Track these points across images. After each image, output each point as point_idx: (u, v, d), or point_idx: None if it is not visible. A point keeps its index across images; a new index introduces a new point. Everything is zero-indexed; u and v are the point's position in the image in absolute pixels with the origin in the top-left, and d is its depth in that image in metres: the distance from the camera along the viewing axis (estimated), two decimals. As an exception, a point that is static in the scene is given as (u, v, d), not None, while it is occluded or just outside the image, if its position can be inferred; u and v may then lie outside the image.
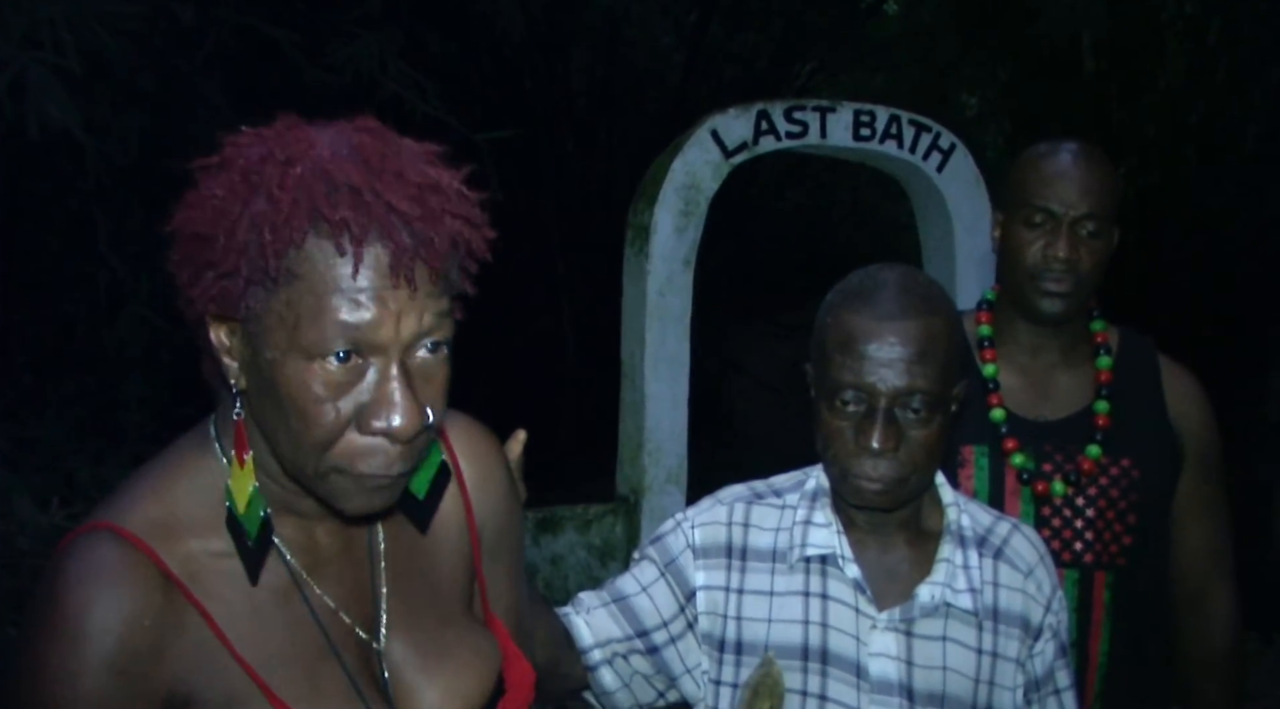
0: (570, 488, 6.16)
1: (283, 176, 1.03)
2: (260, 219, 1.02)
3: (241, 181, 1.05)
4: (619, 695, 1.71)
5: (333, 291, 1.03)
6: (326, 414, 1.06)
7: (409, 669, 1.25)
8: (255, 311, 1.06)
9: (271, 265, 1.02)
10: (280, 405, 1.07)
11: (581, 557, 5.25)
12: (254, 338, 1.07)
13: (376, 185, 1.03)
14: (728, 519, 1.70)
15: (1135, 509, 2.04)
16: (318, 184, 1.03)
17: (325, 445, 1.08)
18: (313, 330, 1.04)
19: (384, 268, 1.03)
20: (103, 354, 5.06)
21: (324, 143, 1.06)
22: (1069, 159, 2.03)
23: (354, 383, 1.07)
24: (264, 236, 1.02)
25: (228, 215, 1.04)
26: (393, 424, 1.07)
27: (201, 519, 1.16)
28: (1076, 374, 2.11)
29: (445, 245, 1.06)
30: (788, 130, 5.23)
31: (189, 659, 1.12)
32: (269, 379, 1.07)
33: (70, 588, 1.09)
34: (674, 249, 5.12)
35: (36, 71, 3.73)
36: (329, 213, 1.01)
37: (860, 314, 1.53)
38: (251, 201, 1.04)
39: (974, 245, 5.41)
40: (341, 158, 1.05)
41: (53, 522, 4.02)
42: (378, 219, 1.03)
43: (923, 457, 1.54)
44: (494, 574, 1.38)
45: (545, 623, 1.60)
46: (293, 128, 1.09)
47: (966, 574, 1.61)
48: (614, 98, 8.71)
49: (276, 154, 1.05)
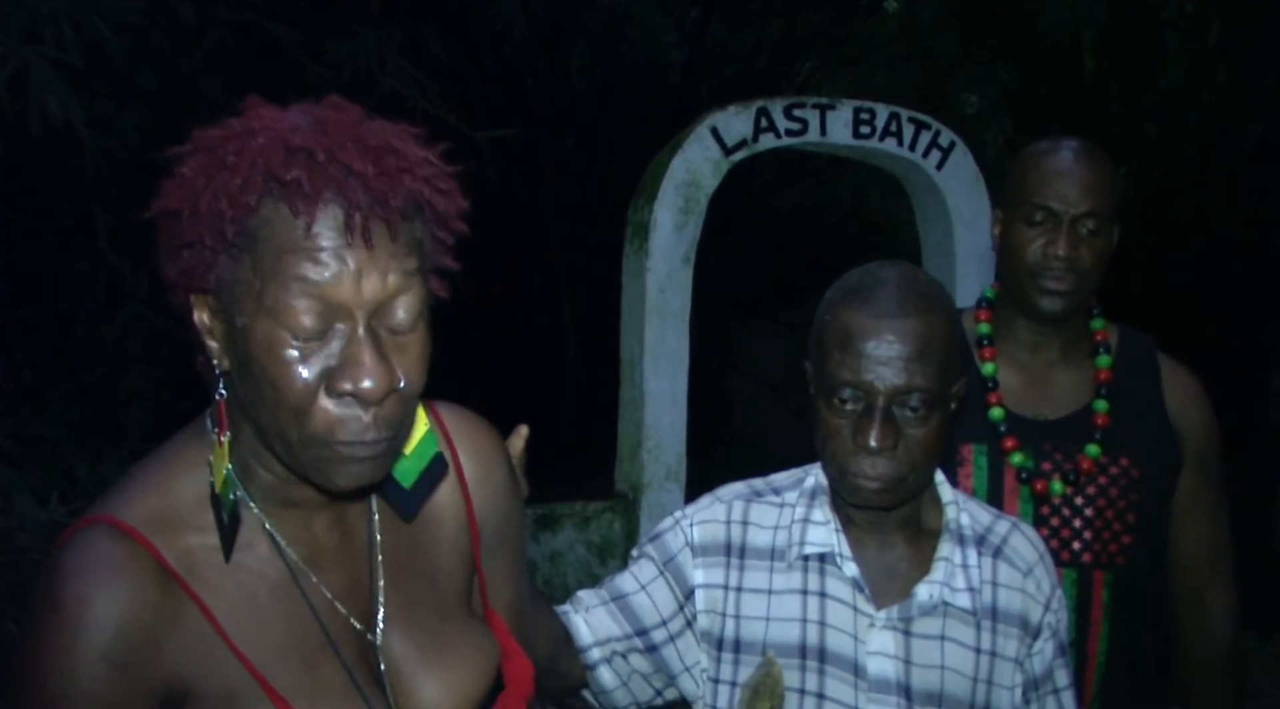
0: (569, 485, 6.16)
1: (241, 147, 1.06)
2: (220, 188, 1.05)
3: (207, 158, 1.08)
4: (617, 694, 1.71)
5: (291, 251, 1.04)
6: (297, 377, 1.07)
7: (407, 663, 1.25)
8: (225, 281, 1.07)
9: (230, 230, 1.05)
10: (255, 375, 1.08)
11: (580, 554, 5.25)
12: (227, 309, 1.08)
13: (332, 147, 1.05)
14: (726, 517, 1.70)
15: (1134, 508, 2.04)
16: (275, 151, 1.05)
17: (299, 411, 1.08)
18: (276, 290, 1.05)
19: (339, 225, 1.05)
20: (102, 351, 5.06)
21: (287, 118, 1.10)
22: (1070, 157, 2.03)
23: (322, 347, 1.07)
24: (222, 204, 1.04)
25: (192, 189, 1.07)
26: (361, 385, 1.07)
27: (200, 512, 1.16)
28: (1076, 373, 2.11)
29: (401, 202, 1.07)
30: (787, 128, 5.23)
31: (187, 652, 1.12)
32: (243, 350, 1.08)
33: (68, 581, 1.10)
34: (674, 246, 5.12)
35: (38, 66, 3.73)
36: (282, 173, 1.04)
37: (859, 312, 1.53)
38: (214, 175, 1.06)
39: (974, 243, 5.41)
40: (301, 127, 1.07)
41: (52, 518, 4.01)
42: (333, 178, 1.04)
43: (921, 455, 1.54)
44: (494, 570, 1.38)
45: (544, 621, 1.60)
46: (259, 107, 1.12)
47: (965, 573, 1.61)
48: (614, 96, 8.71)
49: (238, 129, 1.09)
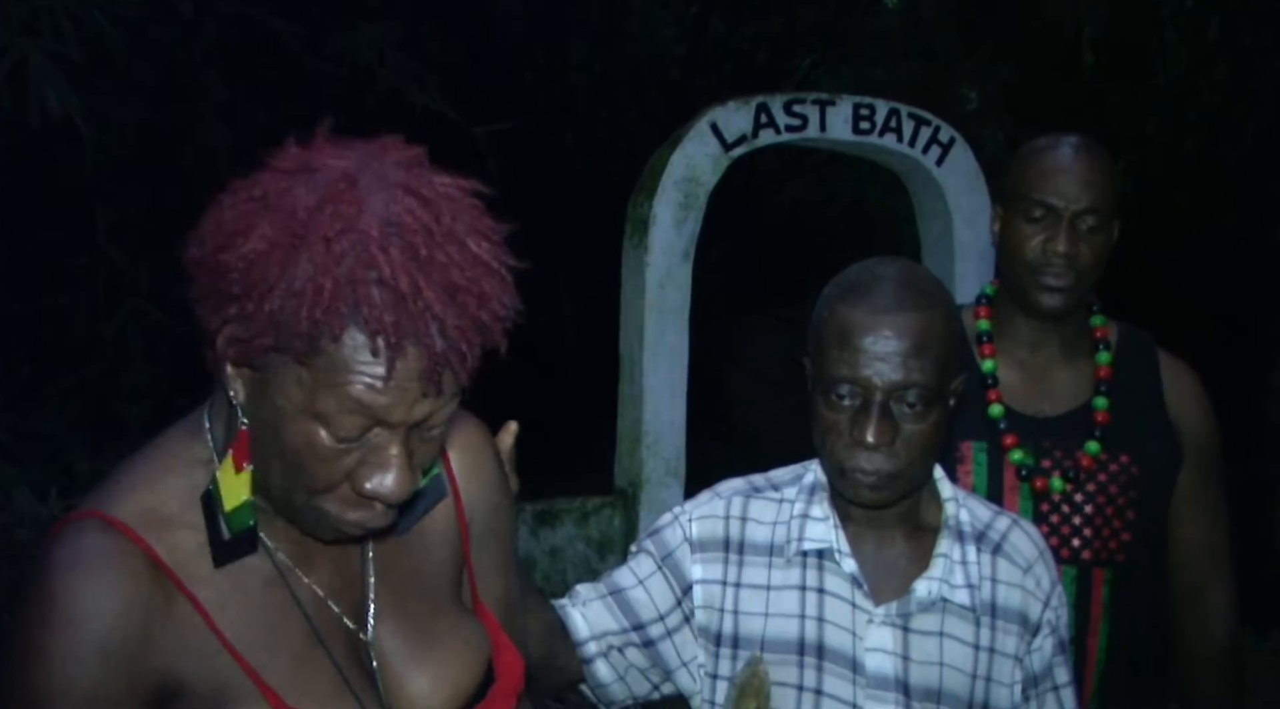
0: (569, 480, 6.17)
1: (327, 254, 1.01)
2: (299, 296, 1.01)
3: (283, 237, 1.02)
4: (614, 688, 1.71)
5: (357, 377, 1.03)
6: (326, 471, 1.09)
7: (397, 658, 1.26)
8: (274, 368, 1.06)
9: (299, 346, 1.02)
10: (280, 450, 1.09)
11: (580, 549, 5.25)
12: (268, 385, 1.07)
13: (420, 284, 1.02)
14: (725, 513, 1.69)
15: (1134, 506, 2.04)
16: (362, 272, 1.01)
17: (316, 493, 1.11)
18: (329, 403, 1.05)
19: (411, 369, 1.04)
20: (102, 346, 5.06)
21: (371, 211, 1.03)
22: (1069, 153, 2.02)
23: (357, 448, 1.09)
24: (300, 315, 1.01)
25: (264, 278, 1.02)
26: (384, 490, 1.09)
27: (191, 509, 1.16)
28: (1076, 370, 2.10)
29: (477, 356, 1.07)
30: (787, 123, 5.23)
31: (179, 647, 1.12)
32: (273, 424, 1.08)
33: (60, 575, 1.10)
34: (673, 242, 5.12)
35: (37, 59, 3.73)
36: (369, 313, 1.01)
37: (857, 308, 1.53)
38: (290, 269, 1.01)
39: (973, 239, 5.41)
40: (389, 239, 1.03)
41: (52, 513, 4.01)
42: (416, 324, 1.02)
43: (918, 451, 1.53)
44: (483, 564, 1.39)
45: (539, 615, 1.60)
46: (340, 181, 1.05)
47: (964, 569, 1.61)
48: (613, 91, 8.70)
49: (324, 214, 1.02)
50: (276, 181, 1.06)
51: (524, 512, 5.18)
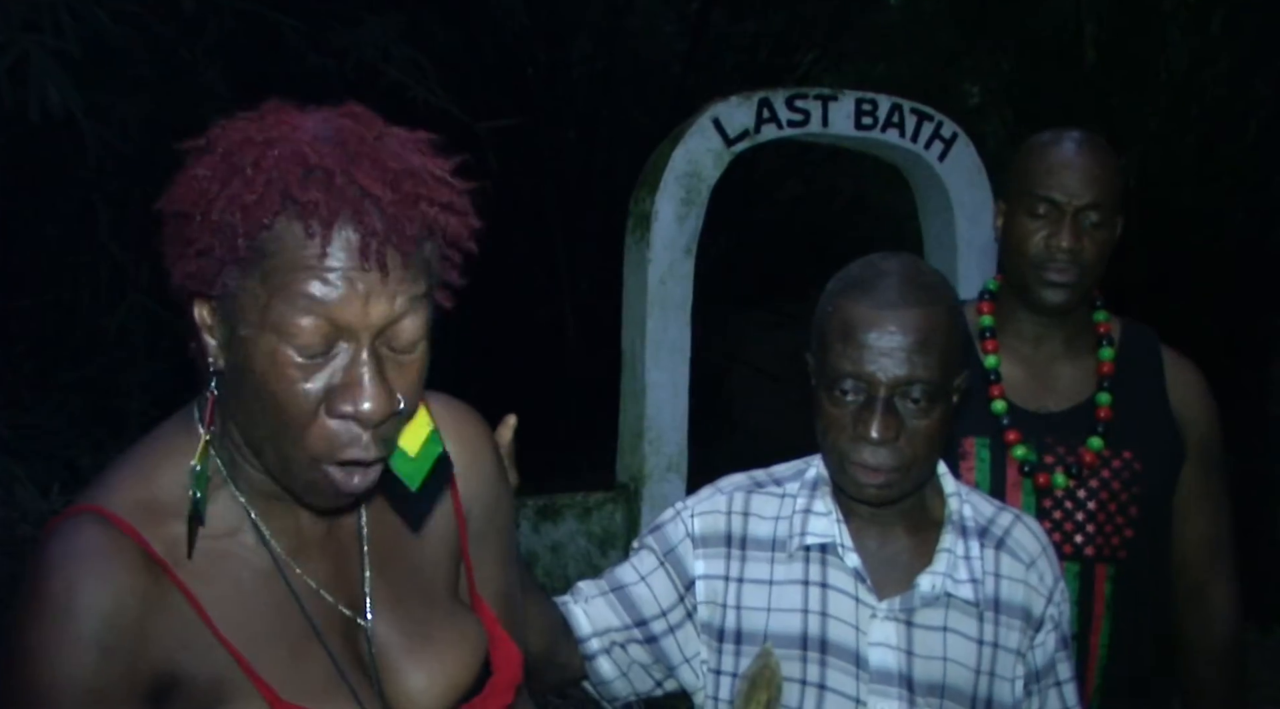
0: (570, 476, 6.17)
1: (259, 158, 1.05)
2: (235, 199, 1.04)
3: (222, 162, 1.07)
4: (617, 685, 1.71)
5: (301, 269, 1.04)
6: (297, 394, 1.07)
7: (394, 651, 1.26)
8: (231, 290, 1.07)
9: (242, 245, 1.04)
10: (254, 386, 1.08)
11: (582, 545, 5.25)
12: (230, 315, 1.08)
13: (351, 168, 1.05)
14: (727, 508, 1.69)
15: (1137, 501, 2.03)
16: (292, 166, 1.04)
17: (299, 427, 1.09)
18: (282, 306, 1.05)
19: (354, 250, 1.04)
20: (104, 341, 5.06)
21: (306, 127, 1.08)
22: (1072, 148, 2.02)
23: (324, 365, 1.07)
24: (235, 217, 1.04)
25: (205, 194, 1.06)
26: (361, 408, 1.07)
27: (185, 501, 1.16)
28: (1079, 365, 2.10)
29: (417, 230, 1.07)
30: (789, 119, 5.22)
31: (175, 640, 1.12)
32: (243, 358, 1.08)
33: (56, 569, 1.10)
34: (675, 237, 5.11)
35: (38, 55, 3.72)
36: (299, 194, 1.03)
37: (861, 303, 1.53)
38: (229, 182, 1.05)
39: (976, 235, 5.40)
40: (320, 141, 1.06)
41: (54, 508, 4.02)
42: (349, 202, 1.04)
43: (923, 447, 1.53)
44: (481, 558, 1.38)
45: (541, 611, 1.60)
46: (278, 111, 1.11)
47: (968, 564, 1.61)
48: (615, 86, 8.68)
49: (256, 136, 1.07)
50: (220, 131, 1.11)
51: (526, 507, 5.17)
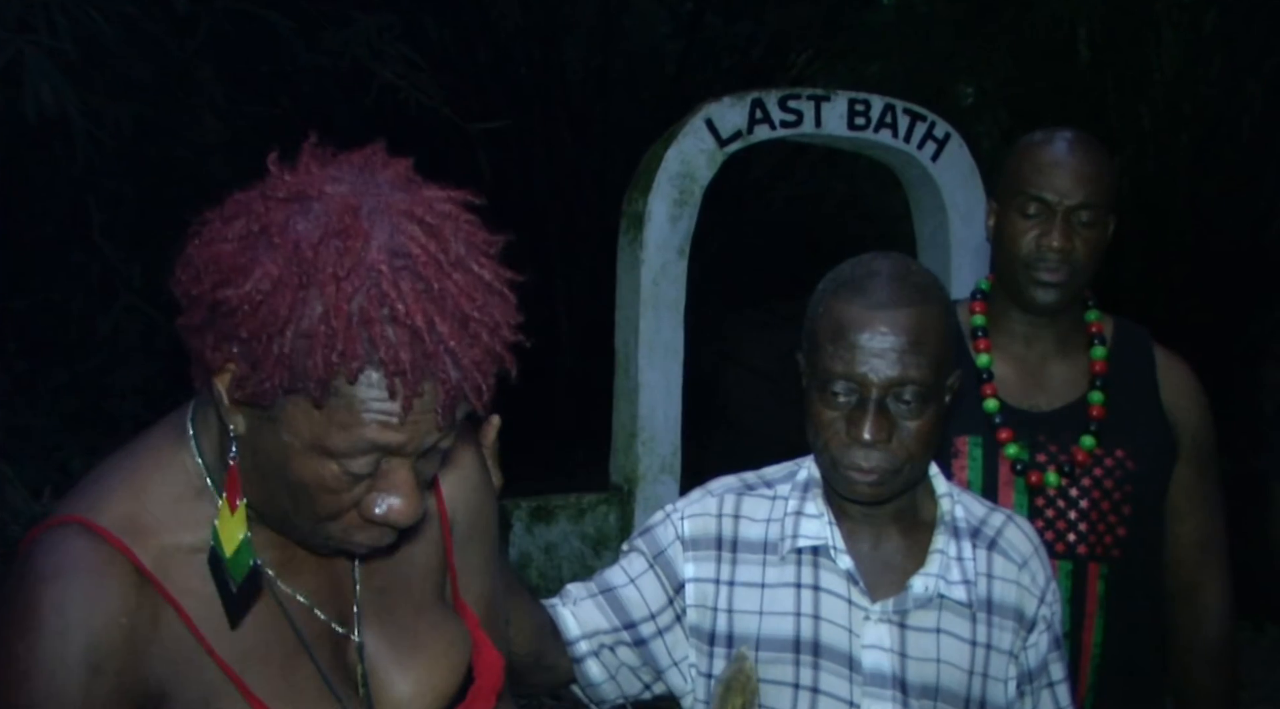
0: (564, 477, 6.16)
1: (337, 292, 0.99)
2: (311, 337, 0.99)
3: (289, 276, 0.99)
4: (605, 687, 1.71)
5: (372, 416, 1.02)
6: (335, 502, 1.08)
7: (382, 661, 1.25)
8: (282, 405, 1.04)
9: (314, 389, 1.00)
10: (286, 483, 1.08)
11: (575, 546, 5.25)
12: (275, 421, 1.05)
13: (435, 319, 1.01)
14: (718, 511, 1.69)
15: (1129, 500, 2.04)
16: (375, 309, 0.99)
17: (327, 520, 1.10)
18: (341, 440, 1.03)
19: (427, 405, 1.03)
20: (96, 343, 5.05)
21: (377, 242, 1.01)
22: (1064, 148, 2.02)
23: (366, 480, 1.08)
24: (314, 357, 0.99)
25: (273, 319, 0.99)
26: (394, 516, 1.09)
27: (175, 515, 1.14)
28: (1071, 364, 2.10)
29: (492, 387, 1.06)
30: (782, 119, 5.22)
31: (165, 656, 1.11)
32: (279, 458, 1.07)
33: (44, 583, 1.07)
34: (668, 238, 5.11)
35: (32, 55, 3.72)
36: (386, 353, 0.99)
37: (852, 303, 1.52)
38: (300, 309, 0.99)
39: (969, 235, 5.41)
40: (399, 272, 1.01)
41: (45, 510, 4.01)
42: (433, 360, 1.01)
43: (916, 447, 1.53)
44: (465, 562, 1.38)
45: (527, 613, 1.60)
46: (343, 212, 1.02)
47: (960, 565, 1.60)
48: (609, 86, 8.68)
49: (329, 249, 1.00)
50: (273, 213, 1.03)
51: (519, 508, 5.17)
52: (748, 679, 1.31)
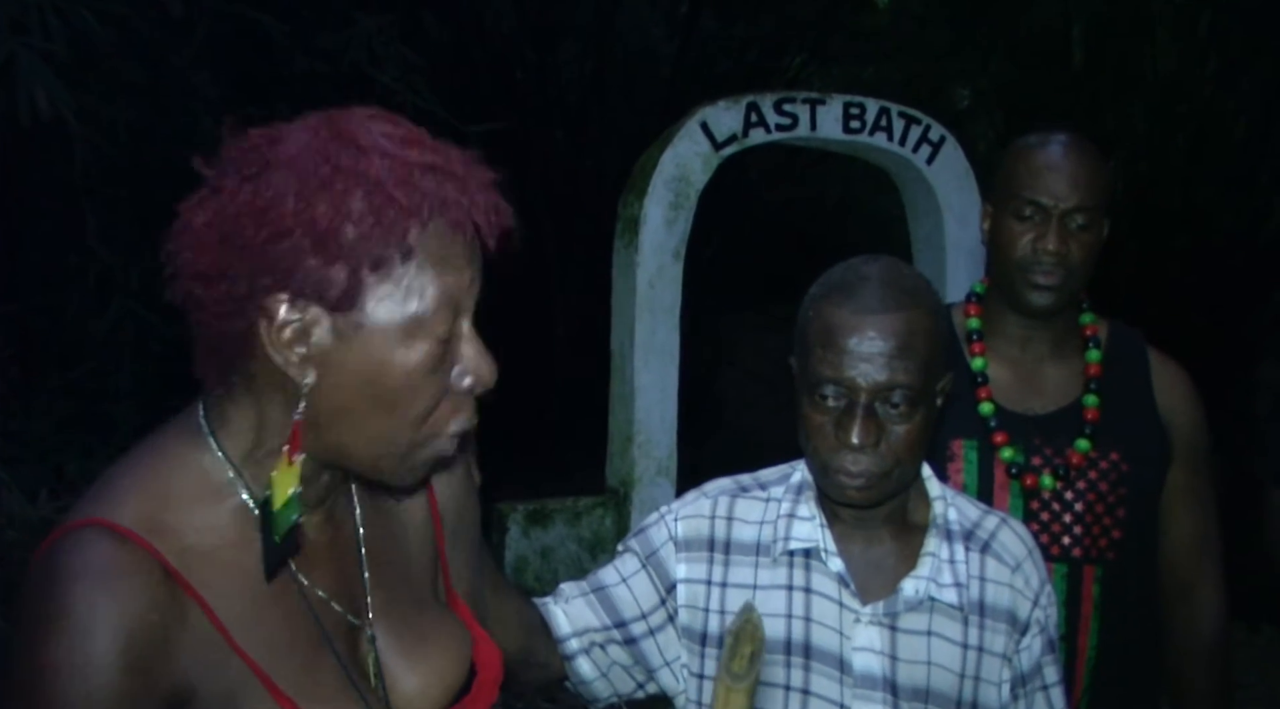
0: (560, 480, 6.16)
1: (369, 169, 1.07)
2: (375, 210, 1.06)
3: (312, 181, 1.06)
4: (597, 685, 1.72)
5: (441, 262, 1.10)
6: (433, 385, 1.13)
7: (391, 655, 1.27)
8: (362, 301, 1.09)
9: (396, 252, 1.07)
10: (383, 393, 1.11)
11: (571, 549, 5.25)
12: (355, 330, 1.10)
13: (449, 163, 1.12)
14: (711, 512, 1.69)
15: (1124, 503, 2.04)
16: (402, 171, 1.08)
17: (423, 419, 1.14)
18: (421, 304, 1.10)
19: (473, 243, 1.13)
20: (92, 346, 5.04)
21: (363, 137, 1.10)
22: (1059, 151, 2.02)
23: (447, 351, 1.14)
24: (384, 226, 1.06)
25: (325, 216, 1.06)
26: (482, 379, 1.17)
27: (196, 513, 1.15)
28: (1066, 367, 2.11)
29: (511, 231, 1.16)
30: (778, 122, 5.24)
31: (193, 653, 1.11)
32: (372, 369, 1.11)
33: (73, 584, 1.07)
34: (664, 241, 5.12)
35: (26, 57, 3.71)
36: (436, 199, 1.09)
37: (841, 308, 1.52)
38: (346, 198, 1.06)
39: (964, 237, 5.42)
40: (397, 144, 1.10)
41: (41, 514, 4.00)
42: (470, 197, 1.11)
43: (905, 451, 1.53)
44: (455, 557, 1.41)
45: (515, 610, 1.61)
46: (313, 125, 1.11)
47: (952, 568, 1.60)
48: (604, 89, 8.69)
49: (330, 148, 1.08)
50: (259, 153, 1.09)
51: (515, 512, 5.17)
52: (755, 629, 1.33)
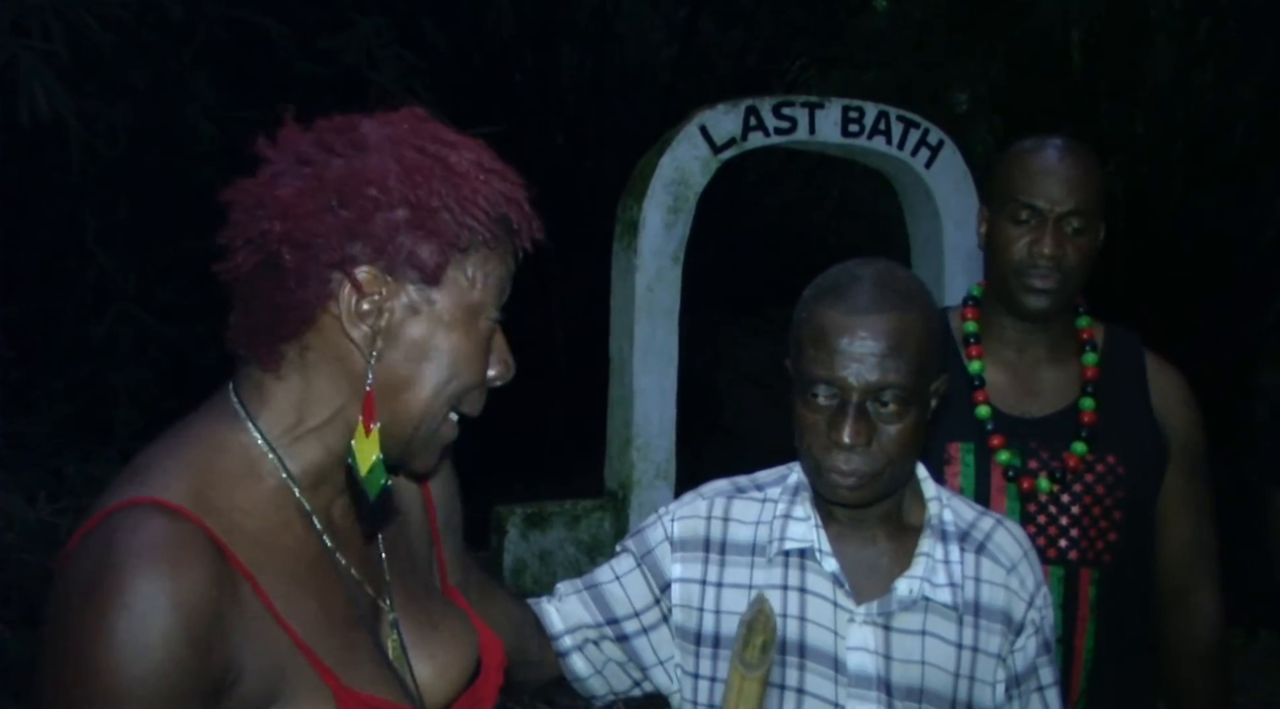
0: (559, 483, 6.16)
1: (454, 159, 1.20)
2: (462, 195, 1.19)
3: (406, 159, 1.18)
4: (592, 682, 1.73)
5: (500, 256, 1.24)
6: (477, 369, 1.25)
7: (409, 640, 1.30)
8: (441, 278, 1.20)
9: (484, 232, 1.20)
10: (439, 368, 1.22)
11: (570, 552, 5.25)
12: (428, 304, 1.21)
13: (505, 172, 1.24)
14: (707, 513, 1.70)
15: (1121, 506, 2.04)
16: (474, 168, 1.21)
17: (471, 388, 1.25)
18: (484, 291, 1.23)
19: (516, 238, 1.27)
20: (90, 349, 5.05)
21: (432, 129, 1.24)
22: (1054, 155, 2.03)
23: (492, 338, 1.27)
24: (472, 209, 1.19)
25: (425, 193, 1.18)
26: (507, 371, 1.30)
27: (238, 493, 1.17)
28: (1063, 371, 2.11)
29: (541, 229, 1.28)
30: (776, 126, 5.24)
31: (245, 629, 1.12)
32: (435, 344, 1.21)
33: (133, 560, 1.06)
34: (663, 245, 5.12)
35: (27, 58, 3.72)
36: (503, 193, 1.22)
37: (834, 308, 1.53)
38: (438, 181, 1.19)
39: (962, 241, 5.42)
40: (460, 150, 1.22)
41: (40, 517, 4.01)
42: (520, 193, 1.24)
43: (896, 451, 1.53)
44: (449, 549, 1.46)
45: (505, 609, 1.63)
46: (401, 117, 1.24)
47: (947, 569, 1.61)
48: (603, 93, 8.70)
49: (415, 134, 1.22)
50: (347, 136, 1.20)
51: (514, 515, 5.18)
52: (768, 619, 1.35)
